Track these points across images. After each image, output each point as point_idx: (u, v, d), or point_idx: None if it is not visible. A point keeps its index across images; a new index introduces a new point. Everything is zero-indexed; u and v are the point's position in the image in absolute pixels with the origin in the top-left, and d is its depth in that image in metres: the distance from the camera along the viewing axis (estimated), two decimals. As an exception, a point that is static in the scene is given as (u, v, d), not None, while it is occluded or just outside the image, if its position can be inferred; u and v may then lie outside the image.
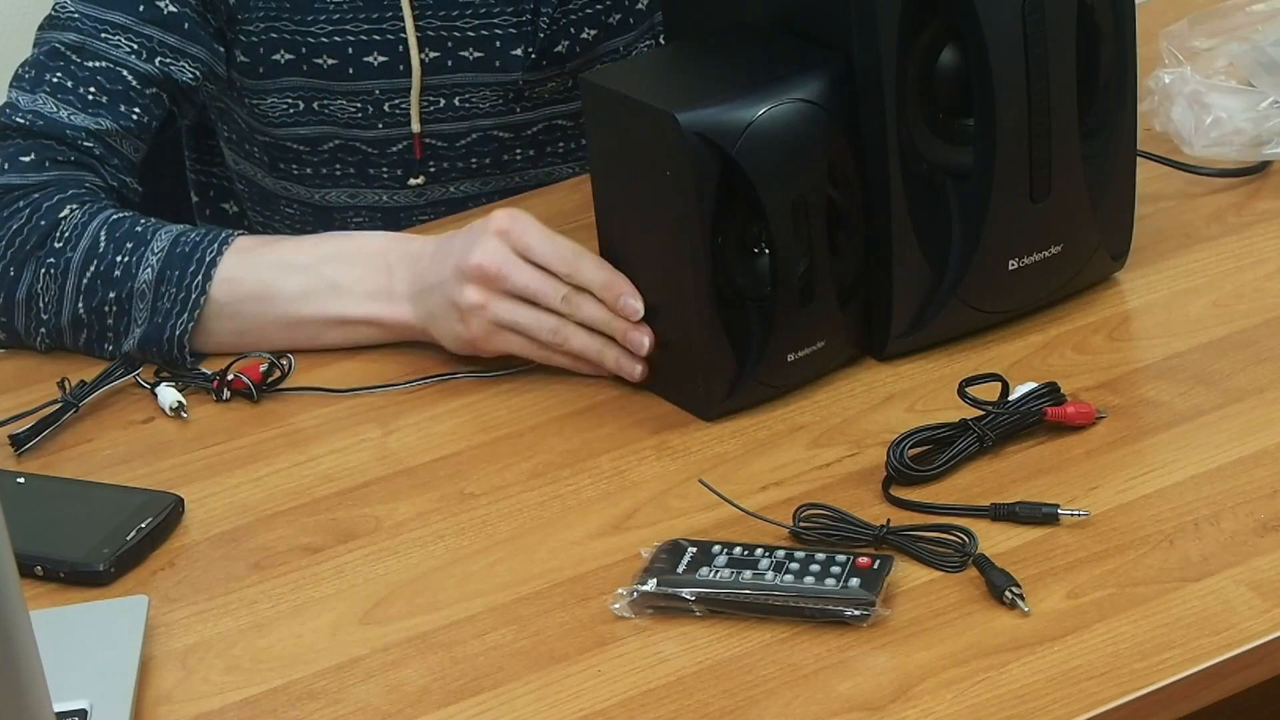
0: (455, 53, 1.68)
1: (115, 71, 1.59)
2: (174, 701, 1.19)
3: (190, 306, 1.48)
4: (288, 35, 1.66)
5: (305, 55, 1.67)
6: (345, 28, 1.66)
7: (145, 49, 1.60)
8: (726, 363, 1.39)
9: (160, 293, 1.49)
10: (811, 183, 1.37)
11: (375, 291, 1.48)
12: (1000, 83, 1.39)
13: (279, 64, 1.67)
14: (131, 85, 1.60)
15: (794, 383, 1.42)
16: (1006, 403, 1.35)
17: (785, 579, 1.20)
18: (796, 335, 1.40)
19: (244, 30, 1.66)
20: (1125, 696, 1.12)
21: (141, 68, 1.60)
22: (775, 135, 1.35)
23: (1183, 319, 1.48)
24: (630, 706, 1.15)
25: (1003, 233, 1.43)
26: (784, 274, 1.37)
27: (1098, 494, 1.29)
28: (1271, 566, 1.21)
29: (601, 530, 1.31)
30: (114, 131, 1.58)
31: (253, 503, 1.37)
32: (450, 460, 1.40)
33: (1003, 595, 1.20)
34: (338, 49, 1.67)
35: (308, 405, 1.47)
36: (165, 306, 1.49)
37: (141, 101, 1.60)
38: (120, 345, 1.51)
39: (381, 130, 1.71)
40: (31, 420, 1.44)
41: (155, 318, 1.49)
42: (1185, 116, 1.68)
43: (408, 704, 1.17)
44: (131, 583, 1.30)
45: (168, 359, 1.50)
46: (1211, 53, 1.76)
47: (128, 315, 1.50)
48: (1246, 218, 1.61)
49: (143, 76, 1.60)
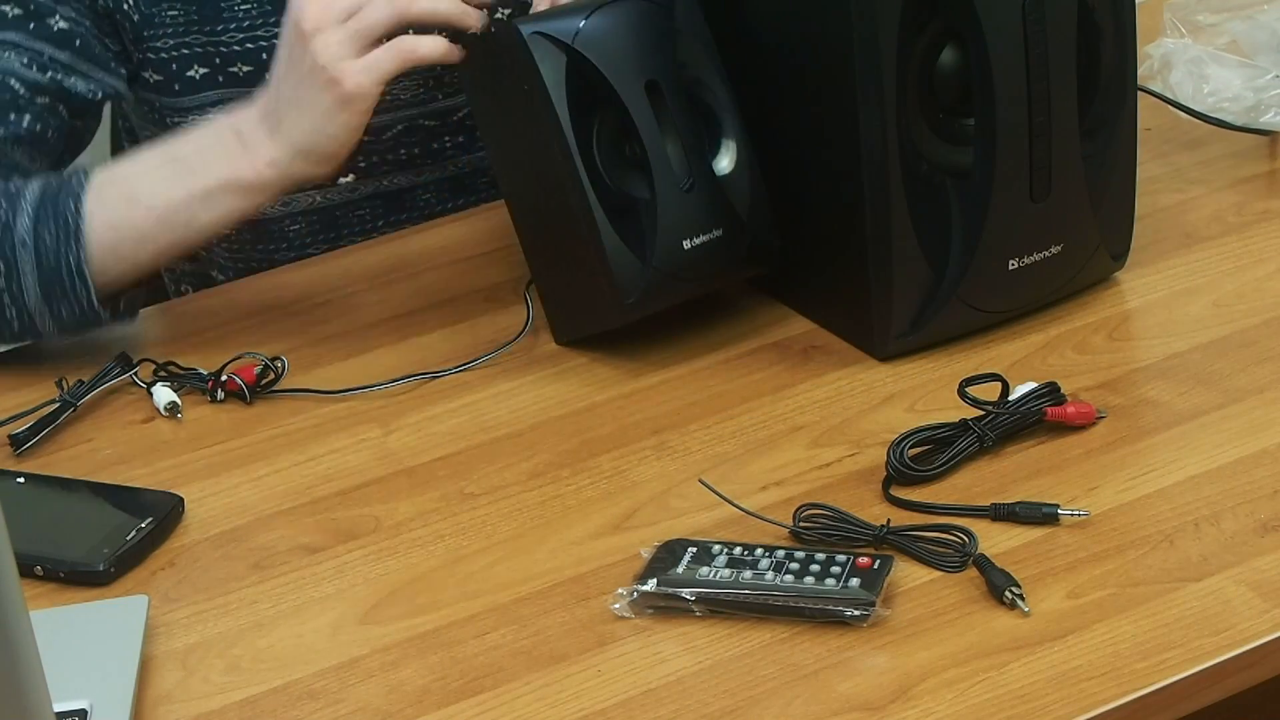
0: None
1: (4, 82, 1.56)
2: (174, 701, 1.19)
3: (73, 230, 1.46)
4: (199, 49, 1.64)
5: (220, 65, 1.65)
6: (257, 33, 1.64)
7: (36, 62, 1.57)
8: (627, 261, 1.42)
9: (39, 234, 1.46)
10: (660, 67, 1.43)
11: (226, 153, 1.47)
12: (1000, 83, 1.39)
13: (195, 80, 1.65)
14: (19, 94, 1.56)
15: (699, 273, 1.45)
16: (1006, 403, 1.35)
17: (785, 579, 1.20)
18: (686, 221, 1.44)
19: (152, 48, 1.63)
20: (1125, 696, 1.12)
21: (31, 77, 1.56)
22: (613, 26, 1.42)
23: (1183, 319, 1.48)
24: (630, 706, 1.15)
25: (1003, 233, 1.43)
26: (655, 160, 1.42)
27: (1098, 494, 1.29)
28: (1271, 566, 1.21)
29: (601, 530, 1.31)
30: (2, 137, 1.55)
31: (252, 503, 1.37)
32: (450, 460, 1.40)
33: (1003, 595, 1.20)
34: (250, 55, 1.65)
35: (307, 405, 1.47)
36: (49, 244, 1.46)
37: (32, 109, 1.56)
38: (25, 306, 1.48)
39: None
40: (30, 420, 1.44)
41: (43, 258, 1.46)
42: (1184, 81, 1.68)
43: (408, 704, 1.17)
44: (131, 583, 1.30)
45: (75, 301, 1.47)
46: (1215, 28, 1.76)
47: (15, 269, 1.47)
48: (1246, 218, 1.61)
49: (32, 85, 1.56)
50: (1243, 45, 1.74)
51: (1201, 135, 1.72)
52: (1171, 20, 1.75)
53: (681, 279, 1.45)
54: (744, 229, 1.47)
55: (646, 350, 1.50)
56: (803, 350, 1.49)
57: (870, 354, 1.47)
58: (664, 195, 1.43)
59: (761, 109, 1.49)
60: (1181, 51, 1.70)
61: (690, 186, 1.44)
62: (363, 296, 1.61)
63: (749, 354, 1.49)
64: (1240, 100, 1.67)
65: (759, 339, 1.50)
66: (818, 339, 1.50)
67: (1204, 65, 1.68)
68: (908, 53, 1.38)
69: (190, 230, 1.50)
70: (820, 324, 1.51)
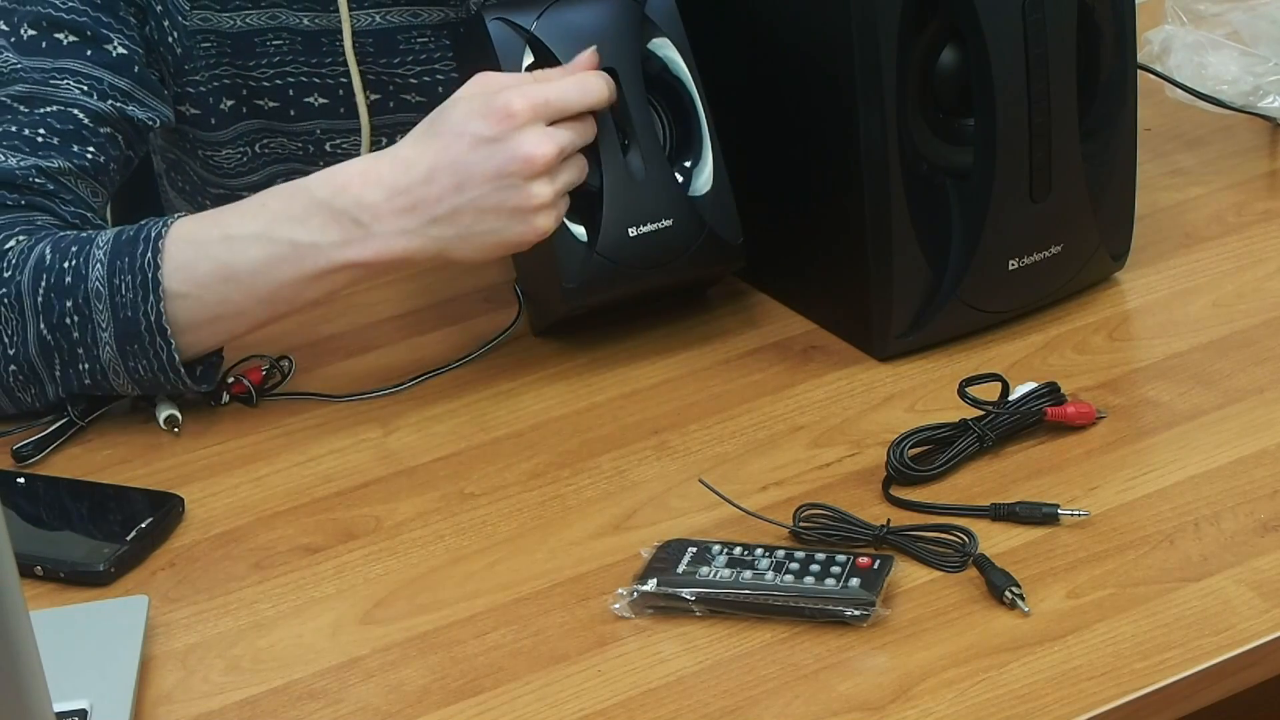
0: (397, 95, 1.66)
1: (67, 112, 1.51)
2: (174, 701, 1.19)
3: (152, 285, 1.39)
4: (227, 80, 1.63)
5: (247, 98, 1.64)
6: (285, 69, 1.63)
7: (96, 90, 1.52)
8: (574, 248, 1.44)
9: (115, 286, 1.39)
10: (622, 57, 1.44)
11: (346, 240, 1.39)
12: (1000, 83, 1.39)
13: (225, 112, 1.64)
14: (84, 124, 1.51)
15: (645, 262, 1.45)
16: (1006, 403, 1.35)
17: (785, 579, 1.20)
18: (633, 210, 1.44)
19: (190, 81, 1.62)
20: (1125, 696, 1.12)
21: (94, 106, 1.51)
22: (576, 15, 1.44)
23: (1183, 319, 1.48)
24: (630, 706, 1.15)
25: (1003, 233, 1.43)
26: (605, 148, 1.43)
27: (1098, 494, 1.29)
28: (1271, 566, 1.21)
29: (601, 530, 1.31)
30: (67, 170, 1.49)
31: (253, 503, 1.37)
32: (450, 460, 1.40)
33: (1003, 595, 1.20)
34: (279, 92, 1.64)
35: (308, 405, 1.47)
36: (126, 297, 1.39)
37: (96, 140, 1.51)
38: (97, 358, 1.40)
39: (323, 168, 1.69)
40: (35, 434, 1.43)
41: (120, 312, 1.39)
42: (1184, 65, 1.68)
43: (408, 704, 1.17)
44: (131, 583, 1.30)
45: (156, 359, 1.40)
46: (1217, 18, 1.76)
47: (90, 321, 1.39)
48: (1246, 218, 1.61)
49: (96, 115, 1.51)
50: (1243, 35, 1.74)
51: (1202, 135, 1.73)
52: (1173, 9, 1.75)
53: (627, 266, 1.45)
54: (699, 222, 1.46)
55: (647, 350, 1.50)
56: (803, 350, 1.49)
57: (870, 354, 1.47)
58: (611, 183, 1.43)
59: (761, 109, 1.49)
60: (1182, 37, 1.70)
61: (642, 176, 1.44)
62: (362, 296, 1.61)
63: (749, 354, 1.49)
64: (1239, 84, 1.67)
65: (759, 339, 1.50)
66: (818, 339, 1.50)
67: (1204, 51, 1.68)
68: (908, 53, 1.38)
69: (294, 306, 1.43)
70: (820, 324, 1.51)
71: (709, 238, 1.47)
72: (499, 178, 1.37)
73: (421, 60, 1.65)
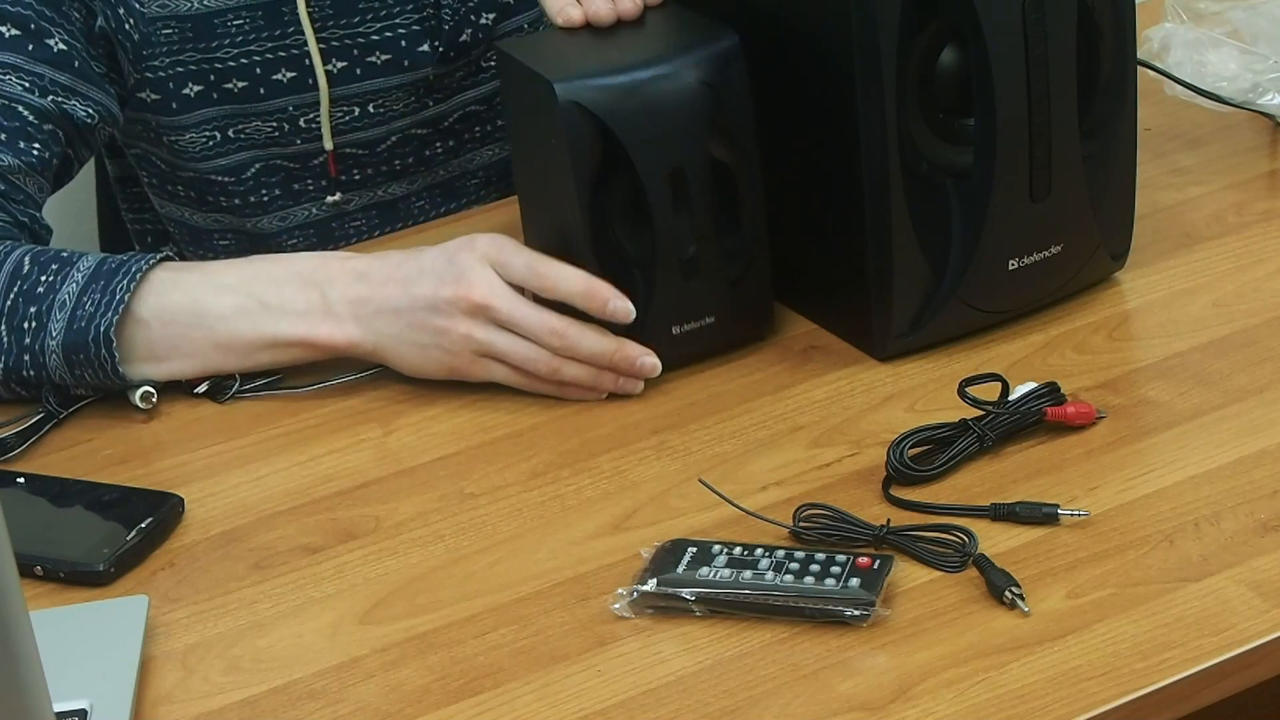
0: (362, 59, 1.67)
1: (11, 108, 1.53)
2: (174, 701, 1.19)
3: (115, 305, 1.41)
4: (193, 66, 1.63)
5: (214, 83, 1.64)
6: (250, 49, 1.64)
7: (38, 86, 1.54)
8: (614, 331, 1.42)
9: (81, 301, 1.42)
10: (690, 155, 1.40)
11: (308, 311, 1.43)
12: (1000, 83, 1.39)
13: (190, 97, 1.64)
14: (29, 120, 1.54)
15: (681, 357, 1.45)
16: (1006, 403, 1.35)
17: (785, 579, 1.20)
18: (681, 308, 1.44)
19: (150, 67, 1.62)
20: (1125, 696, 1.12)
21: (36, 103, 1.54)
22: (652, 106, 1.39)
23: (1183, 319, 1.48)
24: (630, 706, 1.15)
25: (1003, 233, 1.43)
26: (663, 244, 1.41)
27: (1098, 494, 1.29)
28: (1271, 566, 1.21)
29: (601, 530, 1.31)
30: (16, 168, 1.52)
31: (253, 503, 1.37)
32: (450, 460, 1.40)
33: (1003, 595, 1.20)
34: (245, 71, 1.64)
35: (307, 405, 1.47)
36: (88, 311, 1.42)
37: (40, 137, 1.54)
38: (44, 363, 1.42)
39: (300, 145, 1.69)
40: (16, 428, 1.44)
41: (76, 323, 1.41)
42: (1183, 63, 1.68)
43: (408, 704, 1.17)
44: (131, 583, 1.30)
45: (96, 364, 1.41)
46: (1217, 16, 1.76)
47: (44, 328, 1.42)
48: (1246, 218, 1.61)
49: (39, 111, 1.54)
50: (1243, 33, 1.74)
51: (1202, 135, 1.72)
52: (1173, 7, 1.75)
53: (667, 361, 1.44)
54: (740, 315, 1.46)
55: (646, 350, 1.50)
56: (803, 350, 1.49)
57: (870, 354, 1.47)
58: (666, 282, 1.42)
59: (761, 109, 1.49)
60: (1181, 34, 1.70)
61: (694, 274, 1.43)
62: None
63: (749, 354, 1.49)
64: (1238, 81, 1.67)
65: (759, 339, 1.50)
66: (818, 339, 1.50)
67: (1203, 49, 1.69)
68: (908, 53, 1.38)
69: (244, 363, 1.46)
70: (820, 324, 1.51)
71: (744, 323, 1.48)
72: (437, 297, 1.41)
73: (382, 17, 1.66)
